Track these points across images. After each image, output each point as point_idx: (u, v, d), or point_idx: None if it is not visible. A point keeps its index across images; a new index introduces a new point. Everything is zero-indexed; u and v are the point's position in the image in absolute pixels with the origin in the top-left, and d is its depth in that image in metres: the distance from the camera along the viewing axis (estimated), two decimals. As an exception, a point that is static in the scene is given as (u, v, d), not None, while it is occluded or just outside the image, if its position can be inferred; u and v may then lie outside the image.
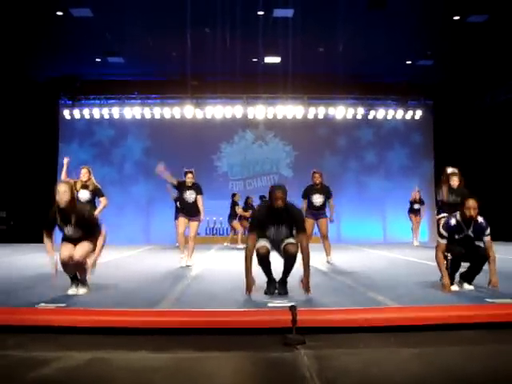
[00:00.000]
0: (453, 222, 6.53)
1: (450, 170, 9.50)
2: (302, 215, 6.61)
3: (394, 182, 18.91)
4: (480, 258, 6.39)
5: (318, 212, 10.03)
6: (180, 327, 4.39)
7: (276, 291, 6.30)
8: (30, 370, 3.46)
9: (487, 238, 6.52)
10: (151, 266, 9.91)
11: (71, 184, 6.37)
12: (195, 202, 9.66)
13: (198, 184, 9.91)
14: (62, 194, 6.10)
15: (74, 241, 6.30)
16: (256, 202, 15.44)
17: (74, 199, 6.24)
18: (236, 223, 16.02)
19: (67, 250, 6.14)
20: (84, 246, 6.27)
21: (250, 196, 16.39)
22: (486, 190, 17.70)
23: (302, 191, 10.16)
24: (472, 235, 6.51)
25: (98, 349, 3.95)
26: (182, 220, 9.66)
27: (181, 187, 9.69)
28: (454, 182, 9.28)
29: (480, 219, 6.56)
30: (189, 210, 9.66)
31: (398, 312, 4.88)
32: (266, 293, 6.21)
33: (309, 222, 9.46)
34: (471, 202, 6.26)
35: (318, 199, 9.91)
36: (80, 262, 6.15)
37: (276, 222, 6.21)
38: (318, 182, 9.84)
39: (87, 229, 6.29)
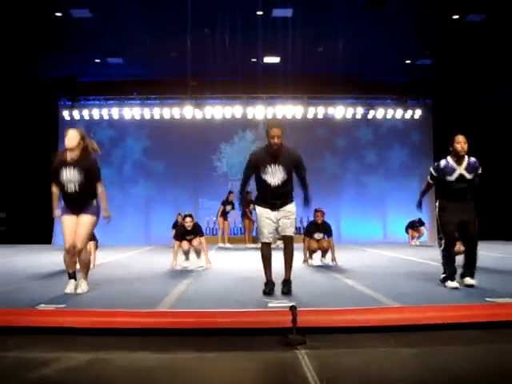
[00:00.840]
0: (443, 162, 6.71)
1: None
2: (301, 158, 6.57)
3: (393, 181, 18.90)
4: (472, 242, 6.52)
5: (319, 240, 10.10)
6: (180, 328, 4.39)
7: (274, 291, 6.23)
8: (29, 370, 3.46)
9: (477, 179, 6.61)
10: (151, 267, 9.91)
11: (81, 131, 6.41)
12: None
13: (197, 225, 9.72)
14: (72, 138, 6.20)
15: (75, 201, 6.32)
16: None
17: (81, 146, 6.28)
18: (220, 220, 16.37)
19: (70, 235, 6.24)
20: (84, 226, 6.29)
21: (232, 191, 16.52)
22: (486, 189, 17.71)
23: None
24: (466, 174, 6.58)
25: (98, 349, 3.95)
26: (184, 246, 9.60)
27: (182, 232, 9.57)
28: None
29: (472, 158, 6.69)
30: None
31: (397, 312, 4.88)
32: (264, 292, 6.15)
33: (311, 242, 9.84)
34: (461, 137, 6.30)
35: (318, 236, 9.96)
36: (83, 250, 6.29)
37: (273, 161, 6.18)
38: (320, 221, 9.90)
39: (89, 173, 6.25)
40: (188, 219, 9.39)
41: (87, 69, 17.48)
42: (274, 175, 6.18)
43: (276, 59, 16.22)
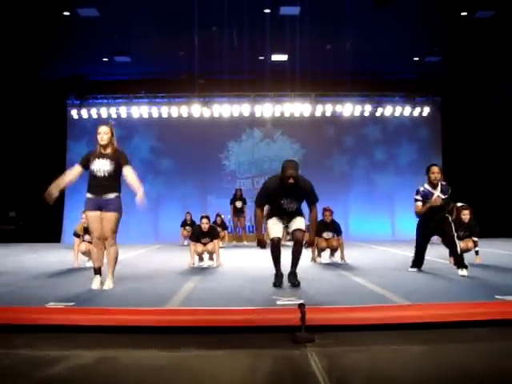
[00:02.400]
0: (422, 188, 8.20)
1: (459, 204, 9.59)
2: (313, 188, 6.74)
3: (402, 178, 18.80)
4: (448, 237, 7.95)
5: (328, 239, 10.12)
6: (188, 325, 4.39)
7: (283, 284, 6.53)
8: (38, 369, 3.46)
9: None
10: (160, 265, 9.93)
11: (111, 127, 6.80)
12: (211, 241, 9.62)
13: (214, 227, 9.90)
14: (104, 133, 6.61)
15: (101, 185, 6.65)
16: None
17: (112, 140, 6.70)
18: (234, 219, 16.71)
19: (96, 229, 6.55)
20: (110, 221, 6.57)
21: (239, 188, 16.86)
22: (494, 186, 17.67)
23: None
24: (441, 195, 8.01)
25: (106, 347, 3.95)
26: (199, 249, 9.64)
27: (198, 234, 9.61)
28: (465, 216, 9.26)
29: (443, 182, 8.20)
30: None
31: (407, 310, 4.86)
32: (274, 285, 6.46)
33: (320, 241, 9.91)
34: (435, 168, 7.73)
35: (328, 236, 10.01)
36: (112, 248, 6.61)
37: (289, 194, 6.47)
38: (328, 220, 9.90)
39: (118, 164, 6.64)
40: (204, 220, 9.43)
41: (95, 68, 17.53)
42: (288, 205, 6.56)
43: (284, 57, 16.20)
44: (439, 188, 8.09)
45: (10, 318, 4.50)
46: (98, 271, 6.60)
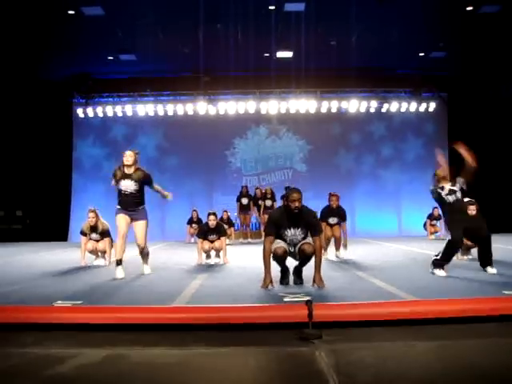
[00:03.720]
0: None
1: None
2: (316, 218, 6.87)
3: (409, 174, 18.79)
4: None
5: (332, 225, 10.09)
6: (196, 323, 4.39)
7: (291, 282, 6.59)
8: (47, 367, 3.47)
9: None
10: (167, 263, 9.95)
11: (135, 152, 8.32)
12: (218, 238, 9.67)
13: (221, 224, 10.00)
14: (129, 156, 8.15)
15: (129, 202, 8.10)
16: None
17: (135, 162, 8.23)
18: (241, 216, 16.72)
19: (122, 227, 7.92)
20: (142, 229, 8.33)
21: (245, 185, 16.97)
22: (501, 182, 17.62)
23: (320, 211, 10.06)
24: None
25: (114, 346, 3.96)
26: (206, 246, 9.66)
27: (205, 231, 9.63)
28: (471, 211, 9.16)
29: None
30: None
31: (414, 306, 4.85)
32: (281, 283, 6.53)
33: (325, 230, 9.82)
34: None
35: (333, 221, 10.02)
36: (145, 247, 8.40)
37: (292, 224, 6.38)
38: (334, 206, 9.91)
39: (142, 182, 8.24)
40: (212, 217, 9.46)
41: (100, 66, 17.54)
42: (293, 238, 6.46)
43: (289, 53, 16.16)
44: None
45: (18, 317, 4.52)
46: (119, 262, 7.72)
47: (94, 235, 9.61)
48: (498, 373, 3.27)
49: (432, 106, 18.77)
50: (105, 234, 9.59)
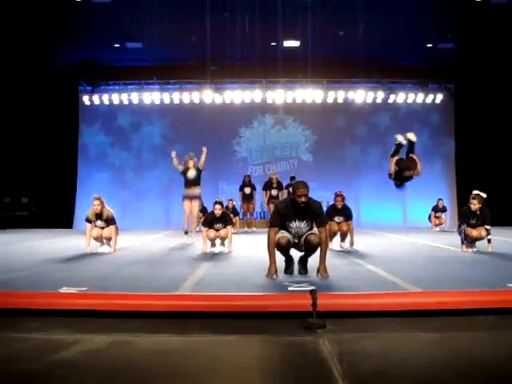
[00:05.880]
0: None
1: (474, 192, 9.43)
2: (322, 209, 6.81)
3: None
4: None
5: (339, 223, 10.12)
6: (200, 311, 4.41)
7: (295, 271, 6.62)
8: (52, 352, 3.50)
9: None
10: (172, 251, 9.97)
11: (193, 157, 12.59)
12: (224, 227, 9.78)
13: (226, 213, 10.00)
14: (190, 159, 12.53)
15: (192, 183, 12.19)
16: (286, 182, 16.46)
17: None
18: (244, 205, 16.89)
19: (187, 209, 12.10)
20: (196, 206, 12.17)
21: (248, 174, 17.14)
22: (507, 174, 17.56)
23: (325, 207, 10.08)
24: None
25: (119, 332, 3.98)
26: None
27: (210, 220, 9.65)
28: (473, 206, 9.19)
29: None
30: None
31: (418, 296, 4.86)
32: (285, 272, 6.57)
33: (332, 224, 9.82)
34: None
35: (339, 220, 10.05)
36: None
37: (298, 217, 6.39)
38: (340, 206, 9.93)
39: (199, 171, 12.38)
40: (217, 206, 9.46)
41: (107, 54, 17.53)
42: (298, 230, 6.48)
43: (296, 43, 16.11)
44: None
45: (24, 303, 4.55)
46: (186, 232, 11.73)
47: (99, 222, 9.61)
48: (501, 365, 3.28)
49: (439, 97, 18.68)
50: (110, 221, 9.60)
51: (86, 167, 18.91)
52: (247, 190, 16.52)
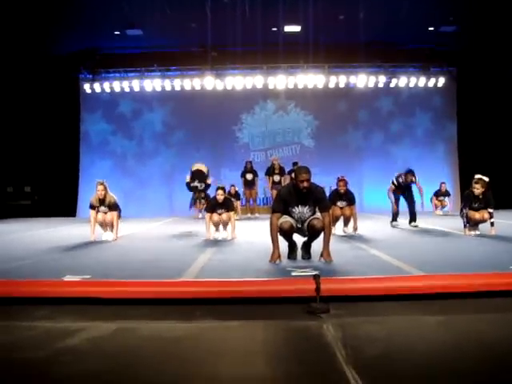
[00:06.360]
0: None
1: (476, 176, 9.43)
2: (325, 194, 6.82)
3: (417, 149, 18.70)
4: None
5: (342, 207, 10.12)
6: (204, 297, 4.42)
7: (299, 257, 6.64)
8: (57, 340, 3.51)
9: None
10: (175, 238, 9.99)
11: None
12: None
13: (229, 199, 10.01)
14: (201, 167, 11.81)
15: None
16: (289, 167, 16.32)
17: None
18: (246, 192, 16.88)
19: None
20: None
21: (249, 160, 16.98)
22: (510, 157, 17.52)
23: (328, 194, 10.08)
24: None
25: (124, 319, 3.99)
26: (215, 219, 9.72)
27: (213, 205, 9.65)
28: (477, 191, 9.18)
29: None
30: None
31: (421, 280, 4.86)
32: (289, 257, 6.59)
33: (335, 209, 9.80)
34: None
35: (341, 204, 10.08)
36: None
37: (301, 202, 6.41)
38: (342, 191, 9.94)
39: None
40: (220, 192, 9.49)
41: (107, 42, 17.46)
42: (301, 215, 6.50)
43: (297, 28, 16.03)
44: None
45: (28, 291, 4.56)
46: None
47: (102, 208, 9.62)
48: (506, 346, 3.29)
49: (441, 81, 18.62)
50: (112, 206, 9.61)
51: (88, 155, 18.91)
52: (249, 176, 16.54)
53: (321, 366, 3.01)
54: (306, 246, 6.65)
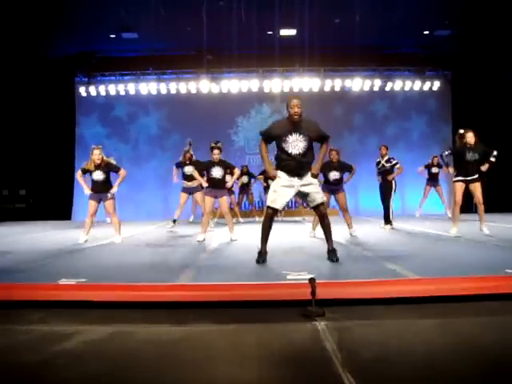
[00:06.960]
0: None
1: (461, 130, 9.48)
2: (320, 126, 6.98)
3: (412, 153, 18.74)
4: None
5: (334, 187, 10.07)
6: (200, 301, 4.42)
7: (266, 261, 6.55)
8: (53, 343, 3.51)
9: None
10: (171, 241, 9.97)
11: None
12: (223, 178, 9.56)
13: (226, 160, 9.92)
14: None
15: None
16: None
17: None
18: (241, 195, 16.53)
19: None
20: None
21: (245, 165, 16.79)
22: (505, 160, 17.55)
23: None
24: None
25: (120, 322, 3.99)
26: (209, 199, 9.54)
27: (207, 165, 9.55)
28: (470, 139, 9.24)
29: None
30: (216, 186, 9.54)
31: (417, 284, 4.87)
32: (257, 261, 6.47)
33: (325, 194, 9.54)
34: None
35: (334, 176, 10.00)
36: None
37: (294, 130, 6.45)
38: (334, 160, 9.89)
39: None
40: (215, 151, 9.58)
41: (103, 45, 17.46)
42: (295, 145, 6.45)
43: (292, 31, 16.06)
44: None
45: (23, 295, 4.56)
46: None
47: (97, 173, 9.26)
48: (499, 350, 3.30)
49: (436, 84, 18.71)
50: (113, 167, 9.46)
51: (83, 159, 18.67)
52: (245, 179, 16.54)
53: (317, 369, 3.02)
54: (333, 250, 6.62)
